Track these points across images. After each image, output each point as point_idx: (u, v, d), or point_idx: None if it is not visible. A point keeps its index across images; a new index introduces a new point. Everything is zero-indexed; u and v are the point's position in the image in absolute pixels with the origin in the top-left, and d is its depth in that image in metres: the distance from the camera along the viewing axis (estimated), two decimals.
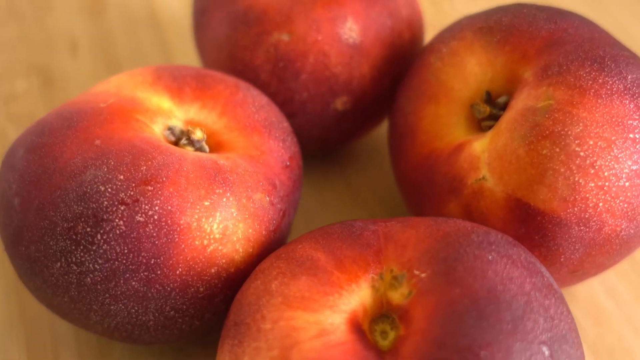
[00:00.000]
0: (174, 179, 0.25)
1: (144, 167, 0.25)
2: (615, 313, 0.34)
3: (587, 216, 0.26)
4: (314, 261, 0.24)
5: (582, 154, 0.25)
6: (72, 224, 0.25)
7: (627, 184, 0.26)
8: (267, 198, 0.27)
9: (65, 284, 0.25)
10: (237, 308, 0.24)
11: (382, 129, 0.42)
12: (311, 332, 0.21)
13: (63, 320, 0.31)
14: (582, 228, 0.26)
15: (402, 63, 0.34)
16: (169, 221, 0.25)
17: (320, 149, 0.36)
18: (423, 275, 0.22)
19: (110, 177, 0.25)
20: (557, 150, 0.26)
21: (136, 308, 0.26)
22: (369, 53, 0.32)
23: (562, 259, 0.27)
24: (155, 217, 0.24)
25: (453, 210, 0.29)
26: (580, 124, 0.26)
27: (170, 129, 0.28)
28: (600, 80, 0.26)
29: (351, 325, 0.22)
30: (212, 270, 0.26)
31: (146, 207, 0.24)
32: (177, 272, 0.25)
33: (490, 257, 0.22)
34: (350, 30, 0.32)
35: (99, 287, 0.25)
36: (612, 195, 0.26)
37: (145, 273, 0.25)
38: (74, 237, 0.25)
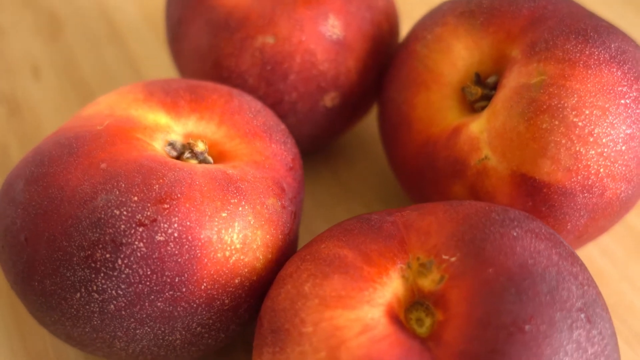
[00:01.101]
0: (188, 194, 0.25)
1: (157, 186, 0.24)
2: (612, 272, 0.35)
3: (590, 183, 0.27)
4: (342, 259, 0.24)
5: (580, 124, 0.26)
6: (89, 252, 0.24)
7: (623, 147, 0.27)
8: (279, 202, 0.27)
9: (87, 314, 0.25)
10: (271, 315, 0.24)
11: (363, 121, 0.43)
12: (355, 329, 0.22)
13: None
14: (586, 195, 0.27)
15: (384, 54, 0.34)
16: (189, 237, 0.24)
17: (311, 146, 0.36)
18: (453, 259, 0.23)
19: (123, 199, 0.24)
20: (557, 123, 0.26)
21: (163, 329, 0.25)
22: (352, 47, 0.33)
23: (568, 227, 0.28)
24: (176, 234, 0.24)
25: (458, 192, 0.29)
26: (575, 96, 0.26)
27: (170, 144, 0.28)
28: (587, 52, 0.27)
29: (390, 317, 0.22)
30: (236, 281, 0.26)
31: (165, 225, 0.24)
32: (202, 287, 0.25)
33: (515, 234, 0.23)
34: (333, 26, 0.32)
35: (123, 312, 0.25)
36: (612, 160, 0.27)
37: (171, 292, 0.24)
38: (93, 265, 0.24)
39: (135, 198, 0.24)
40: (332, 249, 0.24)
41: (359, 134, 0.42)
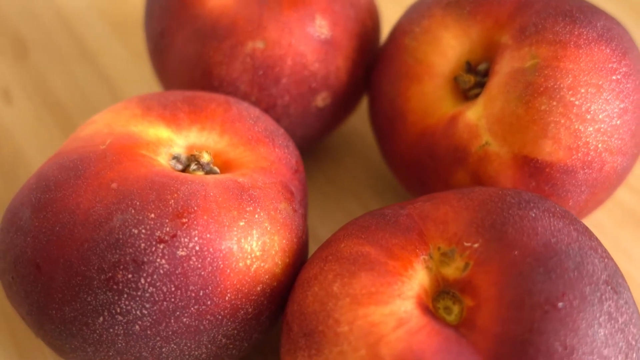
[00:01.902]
0: (205, 207, 0.24)
1: (172, 201, 0.24)
2: (605, 245, 0.36)
3: (589, 159, 0.28)
4: (366, 256, 0.24)
5: (577, 102, 0.27)
6: (110, 274, 0.23)
7: (618, 122, 0.28)
8: (290, 206, 0.27)
9: (111, 337, 0.24)
10: (300, 319, 0.24)
11: (346, 120, 0.43)
12: (391, 323, 0.22)
13: None
14: (586, 171, 0.28)
15: (369, 51, 0.35)
16: (210, 249, 0.24)
17: (302, 147, 0.36)
18: (476, 245, 0.23)
19: (140, 217, 0.24)
20: (554, 103, 0.27)
21: (189, 344, 0.25)
22: (340, 46, 0.33)
23: (570, 203, 0.29)
24: (197, 248, 0.24)
25: (461, 179, 0.30)
26: (570, 75, 0.27)
27: (175, 157, 0.27)
28: (576, 32, 0.28)
29: (421, 308, 0.23)
30: (258, 289, 0.25)
31: (186, 240, 0.24)
32: (227, 298, 0.25)
33: (533, 214, 0.23)
34: (320, 26, 0.32)
35: (148, 332, 0.24)
36: (608, 135, 0.28)
37: (196, 307, 0.24)
38: (115, 286, 0.24)
39: (152, 215, 0.24)
40: (353, 247, 0.25)
41: (343, 132, 0.42)
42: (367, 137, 0.42)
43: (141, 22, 0.49)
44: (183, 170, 0.27)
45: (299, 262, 0.27)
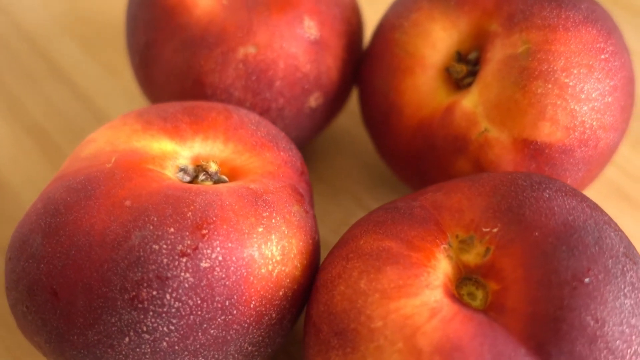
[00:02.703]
0: (223, 216, 0.24)
1: (190, 213, 0.24)
2: None
3: (585, 137, 0.29)
4: (388, 250, 0.24)
5: (571, 83, 0.28)
6: (133, 292, 0.23)
7: (610, 99, 0.29)
8: (302, 208, 0.27)
9: (138, 356, 0.24)
10: (330, 319, 0.24)
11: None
12: (424, 314, 0.22)
13: None
14: (583, 149, 0.29)
15: (356, 49, 0.35)
16: (233, 258, 0.24)
17: None
18: (495, 230, 0.24)
19: (160, 233, 0.23)
20: (550, 86, 0.28)
21: (217, 356, 0.25)
22: (329, 45, 0.33)
23: (568, 181, 0.30)
24: (220, 258, 0.24)
25: (462, 167, 0.30)
26: (562, 58, 0.28)
27: (182, 169, 0.27)
28: (563, 16, 0.29)
29: (450, 296, 0.23)
30: (280, 293, 0.25)
31: (208, 251, 0.23)
32: (252, 306, 0.25)
33: (547, 195, 0.24)
34: (309, 27, 0.32)
35: (176, 347, 0.24)
36: (602, 112, 0.29)
37: (223, 317, 0.24)
38: (140, 305, 0.23)
39: (172, 229, 0.23)
40: (373, 243, 0.25)
41: (330, 131, 0.42)
42: (354, 134, 0.42)
43: (110, 36, 0.48)
44: (191, 182, 0.27)
45: (314, 263, 0.28)
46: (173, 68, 0.32)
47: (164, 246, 0.23)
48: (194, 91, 0.32)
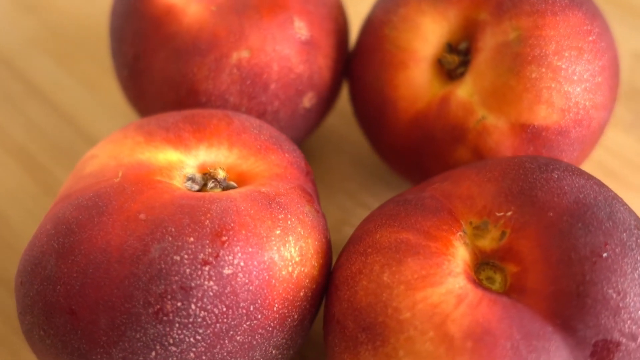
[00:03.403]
0: (240, 221, 0.24)
1: (207, 221, 0.24)
2: None
3: (580, 117, 0.30)
4: (406, 242, 0.24)
5: (563, 66, 0.29)
6: (158, 306, 0.23)
7: (600, 79, 0.30)
8: (313, 207, 0.27)
9: None
10: (355, 315, 0.24)
11: None
12: (451, 301, 0.22)
13: None
14: (578, 129, 0.30)
15: (344, 46, 0.35)
16: (255, 262, 0.24)
17: None
18: (509, 213, 0.24)
19: (180, 243, 0.23)
20: (544, 70, 0.29)
21: None
22: (319, 45, 0.33)
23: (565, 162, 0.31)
24: (242, 264, 0.24)
25: (462, 155, 0.31)
26: (553, 42, 0.29)
27: (190, 178, 0.27)
28: (550, 1, 0.29)
29: (472, 282, 0.23)
30: (301, 294, 0.26)
31: (230, 258, 0.23)
32: (275, 309, 0.25)
33: (556, 176, 0.25)
34: (299, 28, 0.32)
35: (204, 357, 0.24)
36: (593, 92, 0.29)
37: (248, 323, 0.24)
38: (165, 318, 0.23)
39: (191, 239, 0.23)
40: (390, 236, 0.25)
41: (319, 131, 0.42)
42: (342, 132, 0.42)
43: (84, 50, 0.47)
44: (199, 190, 0.27)
45: (329, 261, 0.28)
46: (165, 78, 0.32)
47: (185, 256, 0.23)
48: (189, 99, 0.32)
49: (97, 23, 0.49)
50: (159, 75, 0.32)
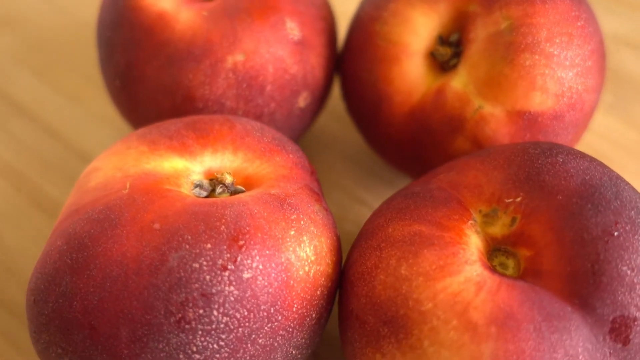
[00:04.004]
0: (255, 225, 0.24)
1: (223, 227, 0.24)
2: None
3: (573, 101, 0.30)
4: (420, 234, 0.25)
5: (555, 52, 0.29)
6: (179, 314, 0.23)
7: (589, 63, 0.30)
8: (321, 206, 0.27)
9: None
10: (375, 309, 0.24)
11: None
12: (471, 289, 0.23)
13: None
14: (571, 113, 0.30)
15: (334, 45, 0.35)
16: (273, 264, 0.24)
17: None
18: (518, 199, 0.25)
19: (197, 251, 0.23)
20: (537, 57, 0.29)
21: None
22: (311, 44, 0.33)
23: None
24: (260, 266, 0.24)
25: (461, 145, 0.31)
26: (544, 29, 0.29)
27: (197, 185, 0.27)
28: None
29: (488, 269, 0.24)
30: (318, 292, 0.26)
31: (248, 261, 0.23)
32: (294, 309, 0.25)
33: (561, 159, 0.25)
34: (292, 29, 0.32)
35: None
36: (585, 76, 0.30)
37: (269, 325, 0.24)
38: (187, 326, 0.23)
39: (209, 245, 0.23)
40: (403, 229, 0.25)
41: (311, 130, 0.43)
42: (333, 130, 0.42)
43: (64, 63, 0.47)
44: (208, 196, 0.27)
45: (340, 258, 0.28)
46: (159, 86, 0.32)
47: (204, 263, 0.23)
48: (185, 106, 0.32)
49: (75, 34, 0.48)
50: (153, 84, 0.32)
